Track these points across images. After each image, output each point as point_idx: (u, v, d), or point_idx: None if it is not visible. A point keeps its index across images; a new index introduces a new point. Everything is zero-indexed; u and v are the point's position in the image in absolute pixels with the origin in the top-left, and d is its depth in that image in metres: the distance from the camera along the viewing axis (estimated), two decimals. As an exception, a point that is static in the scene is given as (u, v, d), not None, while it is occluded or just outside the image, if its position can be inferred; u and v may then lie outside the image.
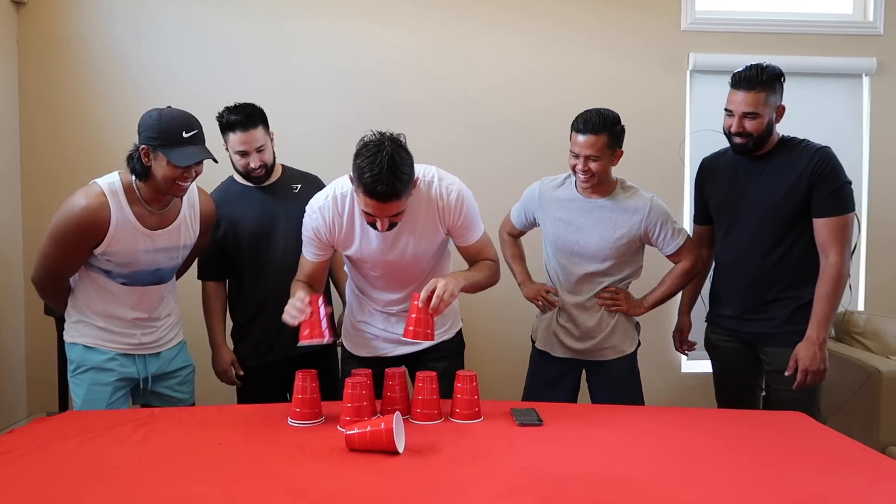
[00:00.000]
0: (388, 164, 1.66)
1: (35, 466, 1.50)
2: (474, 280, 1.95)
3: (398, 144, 1.72)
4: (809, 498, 1.36)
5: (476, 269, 2.00)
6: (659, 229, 2.22)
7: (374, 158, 1.67)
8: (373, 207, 1.74)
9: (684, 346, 2.58)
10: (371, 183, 1.67)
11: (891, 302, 3.25)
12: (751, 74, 2.10)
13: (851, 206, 2.13)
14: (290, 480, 1.42)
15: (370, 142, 1.72)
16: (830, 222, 2.10)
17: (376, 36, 3.15)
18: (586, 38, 3.21)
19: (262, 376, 2.36)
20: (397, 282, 2.02)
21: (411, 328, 1.79)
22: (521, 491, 1.37)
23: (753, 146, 2.16)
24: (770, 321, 2.21)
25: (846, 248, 2.12)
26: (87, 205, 1.88)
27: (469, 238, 1.99)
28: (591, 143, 2.09)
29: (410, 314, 1.80)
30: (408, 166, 1.72)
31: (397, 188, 1.69)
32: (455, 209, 1.91)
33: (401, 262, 1.96)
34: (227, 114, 2.22)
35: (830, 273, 2.11)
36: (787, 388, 2.17)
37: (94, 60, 3.08)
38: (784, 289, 2.19)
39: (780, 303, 2.20)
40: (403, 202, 1.76)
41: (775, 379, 2.22)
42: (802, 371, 2.11)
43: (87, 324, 2.04)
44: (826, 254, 2.12)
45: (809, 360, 2.10)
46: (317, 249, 1.98)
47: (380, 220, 1.78)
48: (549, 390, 2.31)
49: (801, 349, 2.12)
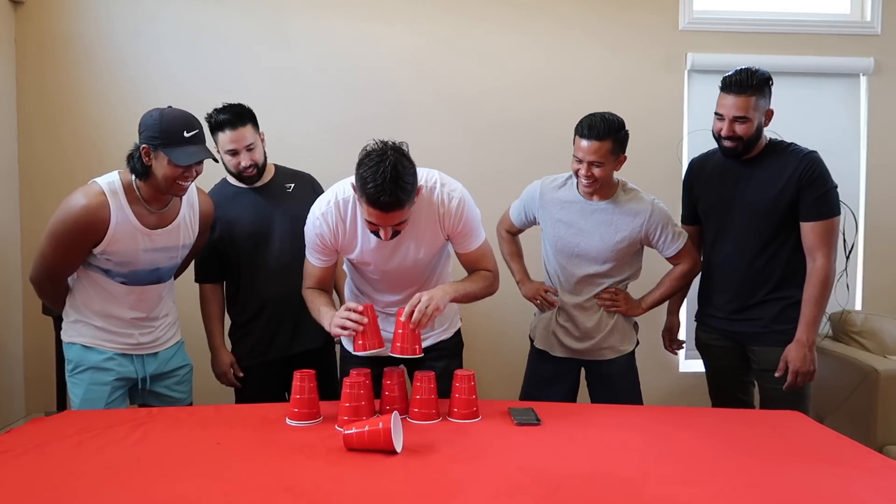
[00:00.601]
0: (392, 174, 1.66)
1: (33, 466, 1.50)
2: (466, 291, 1.94)
3: (401, 153, 1.71)
4: (806, 497, 1.37)
5: (470, 280, 2.00)
6: (660, 232, 2.23)
7: (377, 168, 1.66)
8: (376, 217, 1.74)
9: (673, 345, 2.60)
10: (374, 193, 1.67)
11: (888, 301, 3.26)
12: (741, 78, 2.12)
13: (838, 209, 2.16)
14: (288, 480, 1.42)
15: (372, 151, 1.71)
16: (818, 226, 2.13)
17: (375, 36, 3.15)
18: (584, 38, 3.21)
19: (260, 376, 2.36)
20: (397, 284, 2.02)
21: (398, 344, 1.80)
22: (519, 490, 1.38)
23: (743, 150, 2.18)
24: (757, 321, 2.24)
25: (833, 251, 2.16)
26: (87, 204, 1.88)
27: (468, 245, 1.98)
28: (596, 148, 2.08)
29: (396, 329, 1.81)
30: (410, 175, 1.72)
31: (400, 198, 1.69)
32: (455, 215, 1.91)
33: (402, 266, 1.96)
34: (216, 114, 2.22)
35: (818, 276, 2.14)
36: (775, 387, 2.20)
37: (92, 59, 3.08)
38: (772, 290, 2.22)
39: (767, 304, 2.23)
40: (406, 211, 1.76)
41: (764, 377, 2.25)
42: (793, 372, 2.14)
43: (85, 323, 2.03)
44: (813, 257, 2.15)
45: (800, 362, 2.13)
46: (322, 255, 1.96)
47: (383, 230, 1.77)
48: (547, 389, 2.31)
49: (790, 351, 2.15)
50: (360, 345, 1.80)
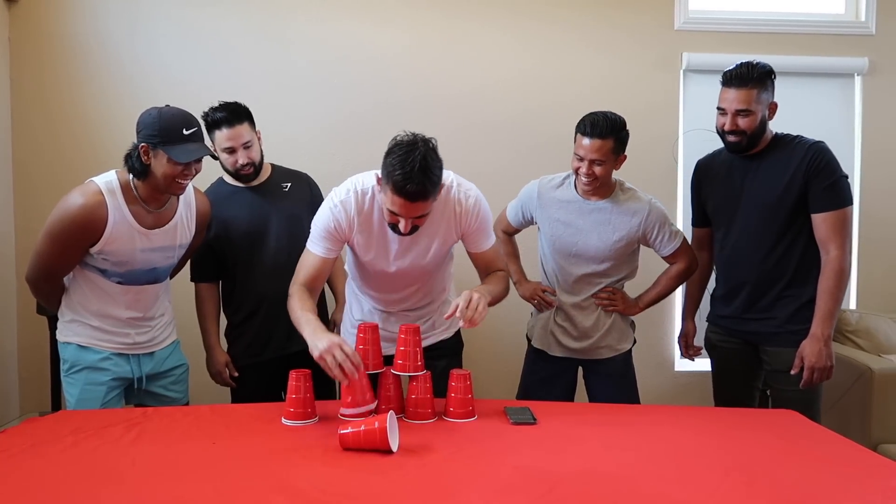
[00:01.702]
0: (420, 164, 1.67)
1: (27, 466, 1.49)
2: (495, 294, 1.95)
3: (430, 146, 1.73)
4: (801, 495, 1.37)
5: (494, 283, 1.99)
6: (657, 232, 2.23)
7: (407, 157, 1.67)
8: (399, 206, 1.73)
9: (690, 350, 2.52)
10: (402, 181, 1.67)
11: (883, 301, 3.27)
12: (742, 72, 2.10)
13: (849, 199, 2.12)
14: (283, 480, 1.41)
15: (403, 141, 1.72)
16: (829, 217, 2.09)
17: (370, 34, 3.15)
18: (580, 37, 3.21)
19: (255, 375, 2.36)
20: (402, 282, 2.02)
21: (400, 362, 1.82)
22: (515, 489, 1.38)
23: (747, 144, 2.16)
24: (771, 320, 2.20)
25: (846, 242, 2.10)
26: (85, 203, 1.87)
27: (484, 244, 2.00)
28: (598, 147, 2.08)
29: (399, 347, 1.83)
30: (438, 169, 1.73)
31: (427, 189, 1.70)
32: (473, 213, 1.93)
33: (413, 265, 1.96)
34: (212, 112, 2.21)
35: (832, 268, 2.09)
36: (789, 388, 2.15)
37: (87, 58, 3.07)
38: (785, 287, 2.18)
39: (781, 302, 2.19)
40: (430, 204, 1.77)
41: (777, 378, 2.21)
42: (808, 369, 2.08)
43: (81, 323, 2.03)
44: (826, 249, 2.10)
45: (815, 357, 2.07)
46: (330, 244, 1.93)
47: (404, 221, 1.77)
48: (545, 389, 2.32)
49: (806, 346, 2.09)
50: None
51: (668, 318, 3.21)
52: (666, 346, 3.25)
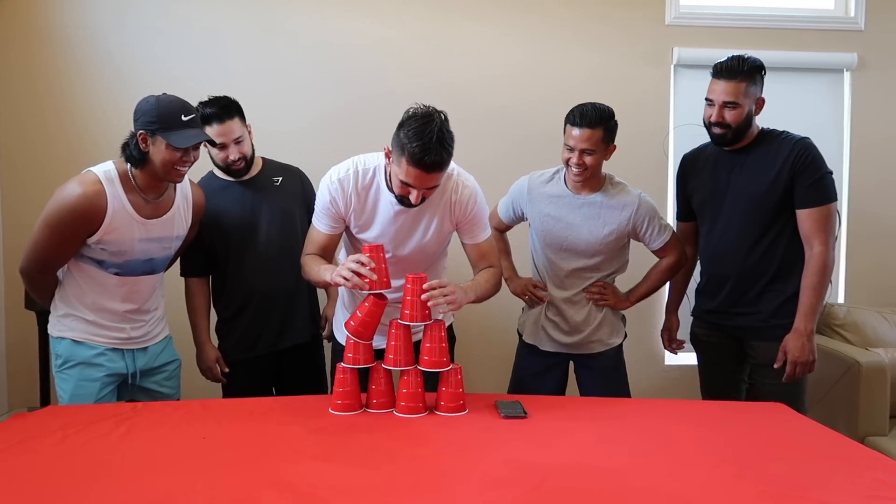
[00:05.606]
0: (438, 136, 1.68)
1: (16, 462, 1.49)
2: (481, 293, 1.96)
3: (444, 118, 1.74)
4: (790, 487, 1.38)
5: (484, 280, 2.00)
6: (647, 225, 2.24)
7: (424, 128, 1.68)
8: (414, 177, 1.74)
9: (673, 344, 2.55)
10: (419, 152, 1.68)
11: (870, 295, 3.30)
12: (732, 64, 2.12)
13: (834, 195, 2.14)
14: (274, 475, 1.41)
15: (418, 113, 1.73)
16: (814, 213, 2.12)
17: (361, 28, 3.13)
18: (570, 32, 3.21)
19: (246, 371, 2.34)
20: (395, 272, 2.02)
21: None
22: (505, 483, 1.38)
23: (732, 137, 2.17)
24: (756, 315, 2.22)
25: (830, 238, 2.13)
26: (84, 192, 1.86)
27: (479, 235, 2.02)
28: (587, 136, 2.09)
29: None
30: (453, 140, 1.75)
31: (444, 159, 1.72)
32: (469, 202, 1.95)
33: (405, 250, 1.97)
34: (202, 107, 2.19)
35: (816, 263, 2.11)
36: (772, 382, 2.17)
37: (75, 50, 3.03)
38: (770, 282, 2.20)
39: (766, 296, 2.21)
40: (442, 175, 1.79)
41: (761, 372, 2.23)
42: (791, 363, 2.11)
43: (75, 317, 2.01)
44: (811, 244, 2.13)
45: (798, 352, 2.10)
46: (332, 221, 1.96)
47: (416, 192, 1.78)
48: (536, 383, 2.32)
49: (789, 341, 2.12)
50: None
51: (659, 313, 3.21)
52: (656, 340, 3.24)
